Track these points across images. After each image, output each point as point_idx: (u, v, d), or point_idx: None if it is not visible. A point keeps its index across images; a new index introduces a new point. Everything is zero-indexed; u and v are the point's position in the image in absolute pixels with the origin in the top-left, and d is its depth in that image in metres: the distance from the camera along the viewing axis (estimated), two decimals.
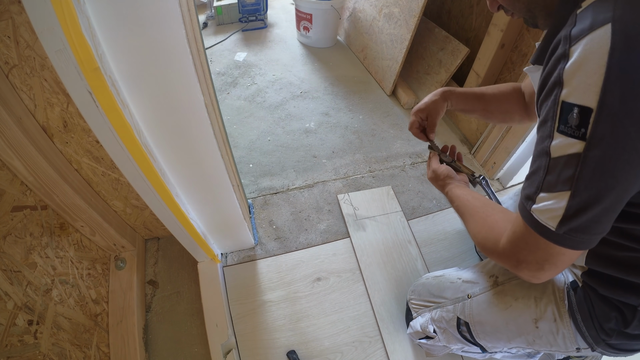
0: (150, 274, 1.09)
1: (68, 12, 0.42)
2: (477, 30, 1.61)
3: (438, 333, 0.80)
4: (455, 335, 0.76)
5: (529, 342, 0.66)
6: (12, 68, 0.62)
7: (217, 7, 2.31)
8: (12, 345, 0.63)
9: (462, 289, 0.78)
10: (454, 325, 0.76)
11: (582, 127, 0.40)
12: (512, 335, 0.68)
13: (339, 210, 1.27)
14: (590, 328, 0.60)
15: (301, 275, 1.10)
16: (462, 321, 0.74)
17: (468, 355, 0.87)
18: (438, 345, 0.81)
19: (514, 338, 0.68)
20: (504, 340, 0.69)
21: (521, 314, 0.66)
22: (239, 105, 1.74)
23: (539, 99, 0.47)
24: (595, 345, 0.60)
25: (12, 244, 0.70)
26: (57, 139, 0.76)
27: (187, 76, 0.59)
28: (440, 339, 0.79)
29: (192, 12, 0.62)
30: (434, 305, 0.83)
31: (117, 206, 0.98)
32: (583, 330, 0.61)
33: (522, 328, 0.66)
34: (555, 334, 0.63)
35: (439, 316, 0.80)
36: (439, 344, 0.81)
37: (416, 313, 0.88)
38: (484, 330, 0.71)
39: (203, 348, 0.94)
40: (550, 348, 0.66)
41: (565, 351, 0.65)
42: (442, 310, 0.80)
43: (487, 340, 0.72)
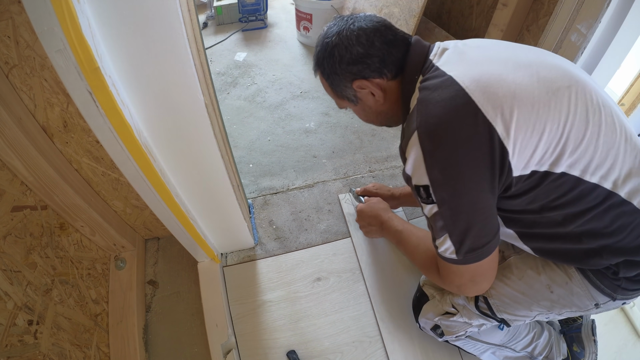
0: (150, 274, 1.09)
1: (68, 12, 0.42)
2: (477, 30, 1.61)
3: (459, 309, 0.81)
4: (474, 312, 0.78)
5: (548, 307, 0.69)
6: (12, 68, 0.62)
7: (217, 7, 2.31)
8: (12, 345, 0.63)
9: None
10: (473, 302, 0.78)
11: (429, 197, 0.58)
12: (530, 303, 0.70)
13: (340, 210, 1.27)
14: (604, 278, 0.62)
15: (301, 275, 1.10)
16: (480, 297, 0.76)
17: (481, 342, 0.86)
18: (459, 321, 0.82)
19: (533, 306, 0.70)
20: (524, 309, 0.72)
21: (534, 282, 0.69)
22: (239, 105, 1.74)
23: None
24: (615, 294, 0.62)
25: (12, 244, 0.70)
26: (57, 139, 0.76)
27: (187, 76, 0.59)
28: (462, 314, 0.81)
29: (192, 12, 0.62)
30: None
31: (117, 206, 0.98)
32: (598, 284, 0.63)
33: (538, 295, 0.69)
34: (570, 295, 0.66)
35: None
36: (460, 319, 0.81)
37: (431, 294, 0.89)
38: (503, 302, 0.73)
39: (203, 348, 0.94)
40: (570, 309, 0.68)
41: (585, 310, 0.67)
42: None
43: (508, 312, 0.73)
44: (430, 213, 0.60)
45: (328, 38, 0.68)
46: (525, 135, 0.53)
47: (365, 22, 0.67)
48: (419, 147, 0.56)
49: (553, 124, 0.53)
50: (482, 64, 0.59)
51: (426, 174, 0.56)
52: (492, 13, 1.44)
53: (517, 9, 1.31)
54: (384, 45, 0.65)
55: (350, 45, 0.65)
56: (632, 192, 0.56)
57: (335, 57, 0.67)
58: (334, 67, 0.68)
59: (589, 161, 0.55)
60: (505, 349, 0.87)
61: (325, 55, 0.69)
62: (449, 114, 0.55)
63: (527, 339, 0.87)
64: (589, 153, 0.54)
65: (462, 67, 0.59)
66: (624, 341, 1.01)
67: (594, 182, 0.55)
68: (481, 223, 0.58)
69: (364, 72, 0.67)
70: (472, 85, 0.55)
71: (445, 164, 0.55)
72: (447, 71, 0.59)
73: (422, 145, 0.56)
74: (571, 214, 0.58)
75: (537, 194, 0.57)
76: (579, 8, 1.07)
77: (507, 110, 0.53)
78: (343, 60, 0.67)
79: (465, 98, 0.54)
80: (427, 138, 0.56)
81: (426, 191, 0.58)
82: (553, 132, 0.53)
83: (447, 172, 0.55)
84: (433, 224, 0.61)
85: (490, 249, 0.60)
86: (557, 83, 0.56)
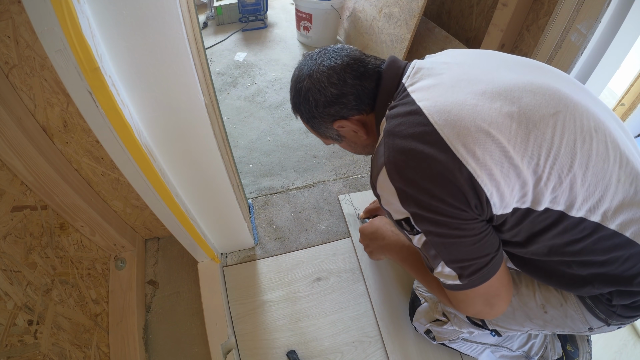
0: (150, 274, 1.09)
1: (68, 12, 0.42)
2: (477, 30, 1.61)
3: (450, 317, 0.80)
4: (465, 321, 0.77)
5: (541, 325, 0.68)
6: (12, 68, 0.62)
7: (217, 7, 2.31)
8: (12, 345, 0.63)
9: None
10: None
11: (413, 228, 0.56)
12: (523, 319, 0.69)
13: (340, 210, 1.27)
14: (599, 303, 0.60)
15: (301, 275, 1.10)
16: None
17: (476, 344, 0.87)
18: (449, 329, 0.81)
19: (525, 322, 0.69)
20: (516, 324, 0.70)
21: (529, 300, 0.67)
22: (239, 105, 1.74)
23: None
24: (610, 319, 0.60)
25: (12, 244, 0.70)
26: (57, 139, 0.76)
27: (187, 76, 0.59)
28: (453, 323, 0.80)
29: (192, 12, 0.62)
30: None
31: (117, 206, 0.98)
32: (593, 308, 0.61)
33: (531, 313, 0.67)
34: (564, 317, 0.64)
35: None
36: (451, 327, 0.81)
37: (424, 299, 0.88)
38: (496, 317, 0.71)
39: (203, 348, 0.94)
40: (562, 330, 0.67)
41: (578, 332, 0.66)
42: None
43: (499, 326, 0.73)
44: (420, 243, 0.57)
45: (300, 82, 0.67)
46: (502, 173, 0.50)
47: (334, 58, 0.65)
48: (390, 184, 0.54)
49: (531, 161, 0.50)
50: (457, 89, 0.54)
51: (402, 208, 0.54)
52: (492, 13, 1.44)
53: (517, 8, 1.31)
54: (356, 80, 0.63)
55: (323, 88, 0.64)
56: (625, 224, 0.52)
57: (311, 101, 0.66)
58: (312, 111, 0.67)
59: (574, 196, 0.51)
60: (502, 348, 0.88)
61: (300, 100, 0.68)
62: (417, 150, 0.52)
63: (523, 337, 0.87)
64: (575, 187, 0.50)
65: (434, 95, 0.55)
66: (624, 341, 1.01)
67: (579, 217, 0.51)
68: (477, 244, 0.54)
69: (342, 112, 0.66)
70: (440, 120, 0.51)
71: (420, 198, 0.52)
72: (416, 100, 0.56)
73: (392, 182, 0.54)
74: (557, 246, 0.55)
75: (520, 227, 0.54)
76: (579, 8, 1.07)
77: (480, 148, 0.49)
78: (319, 104, 0.65)
79: (434, 135, 0.51)
80: (396, 174, 0.54)
81: (408, 223, 0.56)
82: (532, 169, 0.50)
83: (422, 205, 0.52)
84: (426, 254, 0.58)
85: (495, 266, 0.56)
86: (541, 111, 0.51)
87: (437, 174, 0.51)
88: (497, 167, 0.49)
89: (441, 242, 0.55)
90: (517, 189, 0.51)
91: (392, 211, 0.57)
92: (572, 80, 0.61)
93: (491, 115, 0.50)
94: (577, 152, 0.51)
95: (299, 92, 0.68)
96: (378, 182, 0.57)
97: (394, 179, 0.54)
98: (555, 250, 0.55)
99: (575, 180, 0.50)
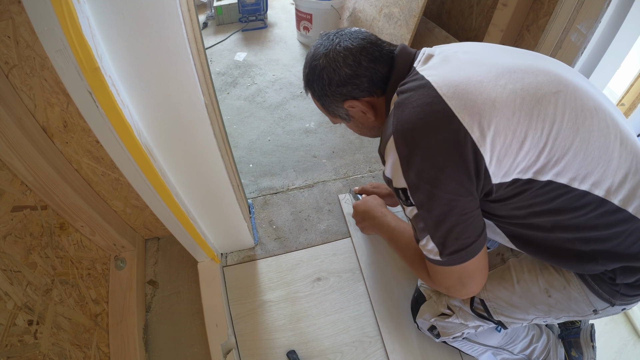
0: (150, 274, 1.09)
1: (68, 12, 0.42)
2: (477, 30, 1.61)
3: (455, 310, 0.81)
4: (470, 313, 0.78)
5: (545, 311, 0.68)
6: (12, 68, 0.62)
7: (217, 7, 2.31)
8: (12, 345, 0.63)
9: None
10: (468, 304, 0.78)
11: (408, 199, 0.59)
12: (527, 307, 0.69)
13: (340, 210, 1.27)
14: (602, 283, 0.60)
15: (301, 275, 1.10)
16: (477, 299, 0.76)
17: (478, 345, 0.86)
18: (455, 322, 0.82)
19: (530, 309, 0.69)
20: (521, 312, 0.71)
21: (532, 286, 0.68)
22: (239, 105, 1.74)
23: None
24: (614, 299, 0.61)
25: (12, 244, 0.70)
26: (57, 139, 0.76)
27: (187, 76, 0.59)
28: (458, 316, 0.80)
29: (192, 12, 0.62)
30: None
31: (117, 206, 0.98)
32: (596, 289, 0.61)
33: (535, 299, 0.68)
34: (568, 300, 0.65)
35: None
36: (456, 321, 0.81)
37: (428, 296, 0.88)
38: (500, 305, 0.72)
39: (203, 348, 0.94)
40: (567, 314, 0.67)
41: (584, 315, 0.66)
42: None
43: (504, 315, 0.73)
44: (412, 214, 0.61)
45: (316, 60, 0.69)
46: (504, 144, 0.52)
47: (351, 40, 0.67)
48: (395, 152, 0.57)
49: (535, 133, 0.52)
50: (464, 69, 0.57)
51: (403, 177, 0.57)
52: (492, 13, 1.44)
53: (517, 9, 1.31)
54: (371, 63, 0.66)
55: (338, 68, 0.66)
56: (627, 199, 0.54)
57: (324, 79, 0.68)
58: (324, 89, 0.69)
59: (577, 169, 0.53)
60: (503, 351, 0.87)
61: (314, 78, 0.70)
62: (425, 119, 0.55)
63: (525, 341, 0.87)
64: (577, 161, 0.53)
65: (443, 72, 0.58)
66: (624, 341, 1.01)
67: (583, 190, 0.53)
68: (462, 225, 0.57)
69: (353, 93, 0.68)
70: (449, 92, 0.54)
71: (420, 167, 0.55)
72: (426, 76, 0.59)
73: (398, 150, 0.57)
74: (560, 221, 0.56)
75: (521, 200, 0.56)
76: (579, 8, 1.07)
77: (485, 118, 0.52)
78: (332, 83, 0.67)
79: (442, 104, 0.54)
80: (402, 142, 0.56)
81: (404, 194, 0.58)
82: (535, 140, 0.52)
83: (422, 175, 0.55)
84: (415, 225, 0.62)
85: (475, 250, 0.59)
86: (543, 89, 0.54)
87: (442, 142, 0.53)
88: (500, 138, 0.52)
89: (430, 217, 0.58)
90: (519, 159, 0.53)
91: (394, 180, 0.60)
92: (572, 69, 0.64)
93: (496, 90, 0.53)
94: (578, 127, 0.53)
95: (313, 69, 0.69)
96: (386, 150, 0.60)
97: (400, 147, 0.57)
98: (559, 225, 0.57)
99: (578, 153, 0.53)
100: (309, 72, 0.71)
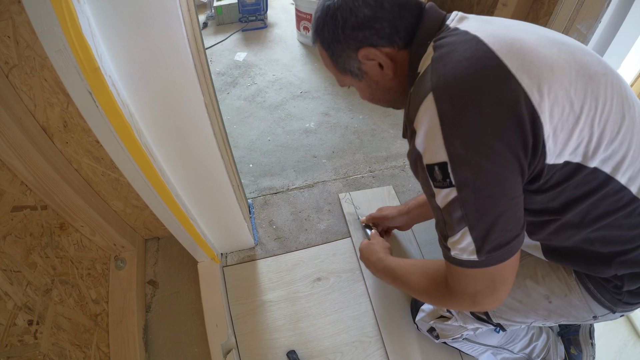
0: (150, 274, 1.09)
1: (68, 12, 0.42)
2: None
3: (454, 313, 0.80)
4: (469, 316, 0.77)
5: (545, 316, 0.67)
6: (12, 68, 0.62)
7: (217, 7, 2.31)
8: (12, 345, 0.63)
9: None
10: None
11: (446, 178, 0.47)
12: (527, 311, 0.68)
13: (340, 210, 1.27)
14: (605, 292, 0.59)
15: (301, 275, 1.10)
16: None
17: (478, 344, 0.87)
18: (454, 325, 0.81)
19: (529, 314, 0.68)
20: (521, 316, 0.70)
21: (533, 292, 0.66)
22: (239, 105, 1.74)
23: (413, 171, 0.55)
24: (615, 307, 0.59)
25: (12, 244, 0.70)
26: (57, 139, 0.76)
27: (187, 76, 0.59)
28: (457, 318, 0.80)
29: (192, 12, 0.62)
30: None
31: (117, 206, 0.98)
32: (599, 297, 0.60)
33: (535, 304, 0.66)
34: (569, 307, 0.63)
35: None
36: (455, 323, 0.80)
37: None
38: (500, 309, 0.71)
39: (203, 348, 0.94)
40: (567, 319, 0.66)
41: (583, 321, 0.66)
42: None
43: (503, 318, 0.72)
44: (446, 200, 0.48)
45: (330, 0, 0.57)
46: (561, 116, 0.45)
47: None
48: (435, 113, 0.46)
49: (590, 111, 0.46)
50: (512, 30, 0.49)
51: (444, 147, 0.45)
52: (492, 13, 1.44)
53: (517, 8, 1.31)
54: (395, 7, 0.55)
55: (355, 7, 0.54)
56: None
57: (338, 21, 0.56)
58: (336, 33, 0.57)
59: (622, 158, 0.48)
60: (503, 350, 0.87)
61: (325, 20, 0.58)
62: (476, 74, 0.45)
63: (525, 340, 0.87)
64: (623, 149, 0.47)
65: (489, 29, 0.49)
66: (624, 341, 1.01)
67: (622, 184, 0.49)
68: (509, 213, 0.48)
69: (371, 39, 0.56)
70: (502, 49, 0.46)
71: (470, 133, 0.44)
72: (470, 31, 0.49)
73: (440, 110, 0.45)
74: (591, 217, 0.52)
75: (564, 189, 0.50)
76: (579, 8, 1.07)
77: (545, 83, 0.44)
78: (347, 25, 0.56)
79: (496, 61, 0.45)
80: (446, 100, 0.45)
81: (442, 170, 0.47)
82: (590, 118, 0.46)
83: (472, 144, 0.45)
84: (448, 216, 0.50)
85: (517, 245, 0.51)
86: (594, 68, 0.48)
87: (497, 102, 0.44)
88: (558, 108, 0.45)
89: (475, 201, 0.47)
90: (574, 137, 0.47)
91: (428, 151, 0.48)
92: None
93: (552, 56, 0.47)
94: (625, 115, 0.48)
95: (326, 10, 0.58)
96: (420, 111, 0.48)
97: (443, 106, 0.45)
98: (587, 221, 0.52)
99: (624, 141, 0.48)
100: (320, 13, 0.59)
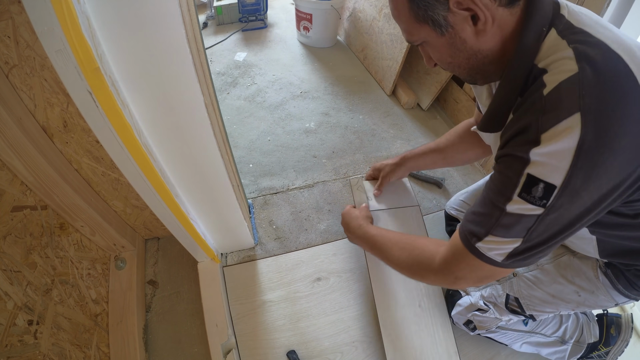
0: (150, 274, 1.09)
1: (68, 12, 0.42)
2: None
3: (490, 307, 0.86)
4: (504, 309, 0.83)
5: (573, 307, 0.75)
6: (12, 68, 0.62)
7: (217, 7, 2.31)
8: (12, 345, 0.64)
9: None
10: (503, 302, 0.83)
11: (544, 199, 0.44)
12: (558, 304, 0.76)
13: (339, 210, 1.27)
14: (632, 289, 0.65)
15: (301, 275, 1.10)
16: (511, 297, 0.81)
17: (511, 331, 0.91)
18: (490, 317, 0.87)
19: (560, 305, 0.76)
20: (552, 309, 0.78)
21: (564, 288, 0.74)
22: (239, 105, 1.74)
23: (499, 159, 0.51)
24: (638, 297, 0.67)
25: (12, 244, 0.70)
26: (57, 139, 0.76)
27: (187, 76, 0.59)
28: (493, 311, 0.86)
29: (192, 12, 0.62)
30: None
31: (117, 206, 0.98)
32: (626, 293, 0.66)
33: (566, 298, 0.74)
34: (596, 299, 0.71)
35: (489, 293, 0.87)
36: (492, 315, 0.86)
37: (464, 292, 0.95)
38: (533, 302, 0.79)
39: (203, 348, 0.94)
40: (592, 309, 0.75)
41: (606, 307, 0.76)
42: (492, 288, 0.87)
43: (537, 310, 0.79)
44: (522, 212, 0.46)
45: None
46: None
47: None
48: (577, 138, 0.40)
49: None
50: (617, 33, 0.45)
51: (565, 173, 0.42)
52: None
53: None
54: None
55: None
56: None
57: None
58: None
59: None
60: (536, 334, 0.90)
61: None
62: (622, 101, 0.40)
63: (555, 322, 0.91)
64: None
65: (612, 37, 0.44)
66: None
67: None
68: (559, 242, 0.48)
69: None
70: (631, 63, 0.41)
71: (596, 175, 0.41)
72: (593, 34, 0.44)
73: (583, 137, 0.40)
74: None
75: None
76: None
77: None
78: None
79: (632, 81, 0.41)
80: (593, 131, 0.40)
81: (546, 191, 0.43)
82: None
83: (591, 184, 0.42)
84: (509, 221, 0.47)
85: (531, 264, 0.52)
86: None
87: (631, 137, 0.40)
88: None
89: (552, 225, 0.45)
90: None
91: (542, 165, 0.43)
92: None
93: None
94: None
95: None
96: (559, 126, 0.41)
97: (587, 134, 0.40)
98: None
99: None
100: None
